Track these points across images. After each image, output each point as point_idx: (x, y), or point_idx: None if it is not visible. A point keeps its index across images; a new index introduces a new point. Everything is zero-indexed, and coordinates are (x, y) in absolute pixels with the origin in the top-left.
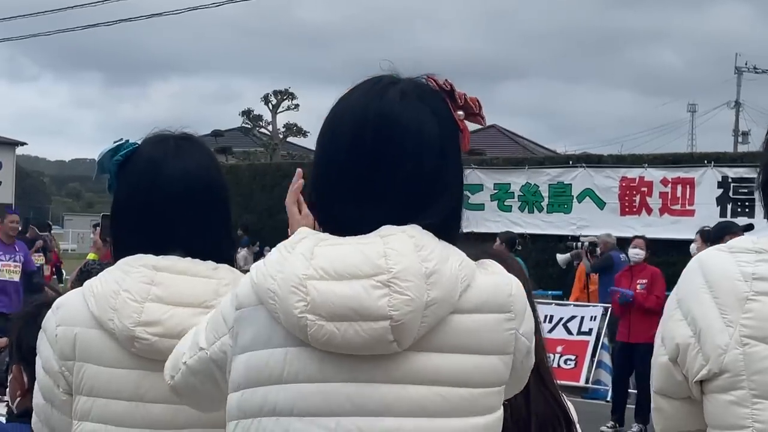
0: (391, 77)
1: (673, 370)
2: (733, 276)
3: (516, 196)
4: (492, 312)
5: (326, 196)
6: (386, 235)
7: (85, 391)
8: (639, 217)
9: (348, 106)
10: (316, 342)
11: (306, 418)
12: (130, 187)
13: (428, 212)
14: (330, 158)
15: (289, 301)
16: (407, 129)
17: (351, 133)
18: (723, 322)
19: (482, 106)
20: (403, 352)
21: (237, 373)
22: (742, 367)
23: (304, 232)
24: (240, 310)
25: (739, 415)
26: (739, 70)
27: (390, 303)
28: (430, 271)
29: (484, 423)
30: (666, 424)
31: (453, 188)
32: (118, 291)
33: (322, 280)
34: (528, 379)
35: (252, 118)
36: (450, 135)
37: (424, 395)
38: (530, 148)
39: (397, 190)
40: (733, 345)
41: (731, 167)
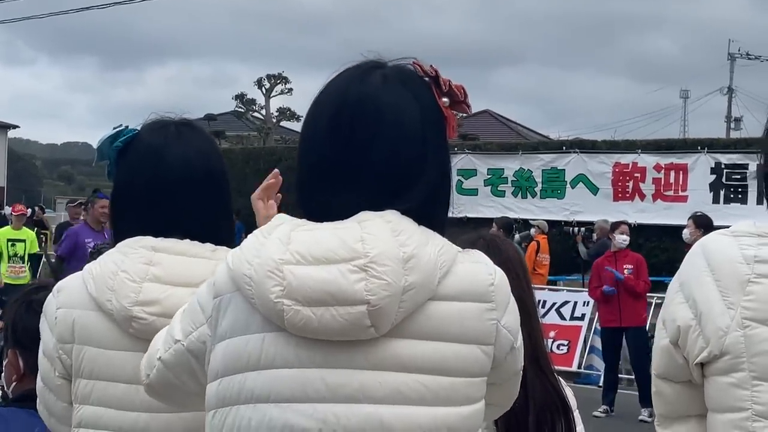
0: (375, 62)
1: (674, 353)
2: (735, 259)
3: (509, 181)
4: (472, 300)
5: (306, 183)
6: (363, 220)
7: (85, 374)
8: (632, 202)
9: (330, 91)
10: (292, 327)
11: (283, 404)
12: (131, 174)
13: (404, 198)
14: (310, 144)
15: (266, 286)
16: (385, 113)
17: (330, 117)
18: (724, 305)
19: (468, 93)
20: (381, 338)
21: (215, 362)
22: (743, 350)
23: (282, 218)
24: (218, 298)
25: (738, 397)
26: (732, 57)
27: (367, 287)
28: (408, 256)
29: (465, 413)
30: (667, 408)
31: (432, 174)
32: (116, 272)
33: (299, 265)
34: (521, 376)
35: (245, 102)
36: (432, 121)
37: (402, 382)
38: (523, 133)
39: (372, 174)
40: (734, 327)
41: (724, 153)
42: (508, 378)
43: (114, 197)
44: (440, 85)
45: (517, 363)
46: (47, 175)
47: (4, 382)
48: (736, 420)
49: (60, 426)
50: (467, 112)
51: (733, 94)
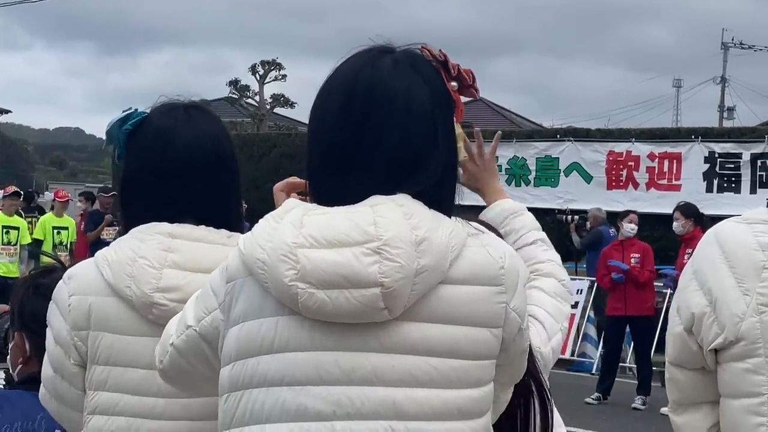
0: (384, 46)
1: (688, 340)
2: (750, 246)
3: (503, 169)
4: (482, 284)
5: (318, 168)
6: (375, 204)
7: (101, 361)
8: (626, 191)
9: (339, 76)
10: (307, 311)
11: (296, 387)
12: (140, 157)
13: (415, 181)
14: (320, 128)
15: (279, 270)
16: (395, 97)
17: (340, 101)
18: (740, 291)
19: (476, 78)
20: (394, 321)
21: (229, 347)
22: (759, 335)
23: (292, 203)
24: (231, 283)
25: (755, 382)
26: (726, 46)
27: (380, 270)
28: (420, 239)
29: (476, 395)
30: (680, 394)
31: (443, 158)
32: (135, 258)
33: (312, 248)
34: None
35: (239, 88)
36: (442, 105)
37: (415, 365)
38: (517, 122)
39: (383, 159)
40: (750, 313)
41: (718, 142)
42: (516, 358)
43: (123, 181)
44: (449, 70)
45: (524, 343)
46: (39, 160)
47: (9, 365)
48: (752, 405)
49: (72, 412)
50: (476, 96)
51: (727, 83)
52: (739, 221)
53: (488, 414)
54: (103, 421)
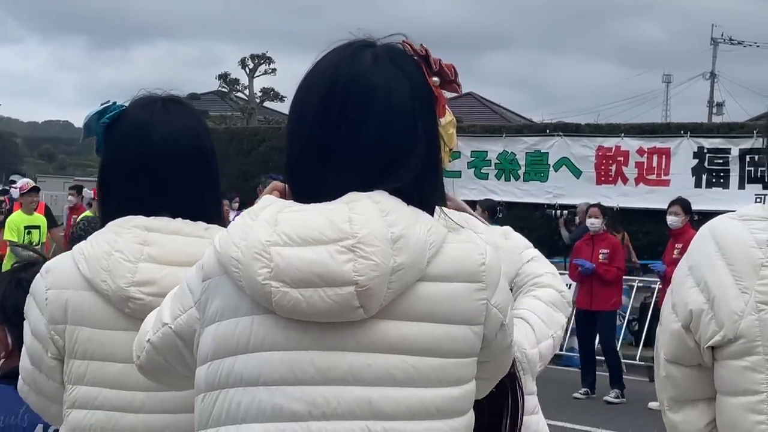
0: (365, 41)
1: (686, 337)
2: (747, 243)
3: (493, 164)
4: (462, 281)
5: (296, 164)
6: (351, 201)
7: (79, 355)
8: (615, 186)
9: (319, 70)
10: (281, 309)
11: (272, 387)
12: (118, 150)
13: (393, 177)
14: (299, 124)
15: (253, 268)
16: (375, 91)
17: (319, 96)
18: (738, 289)
19: (458, 73)
20: (371, 319)
21: (205, 345)
22: (758, 333)
23: (269, 200)
24: (207, 281)
25: (754, 380)
26: (715, 41)
27: (355, 268)
28: (396, 236)
29: (456, 394)
30: (677, 391)
31: (422, 154)
32: (111, 252)
33: (286, 246)
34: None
35: (229, 81)
36: (422, 100)
37: (392, 364)
38: (507, 116)
39: (362, 154)
40: (748, 311)
41: (707, 138)
42: (499, 354)
43: (101, 174)
44: (430, 65)
45: (506, 339)
46: (28, 153)
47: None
48: (750, 403)
49: (51, 405)
50: (458, 92)
51: (716, 79)
52: (734, 218)
53: (470, 412)
54: (82, 415)
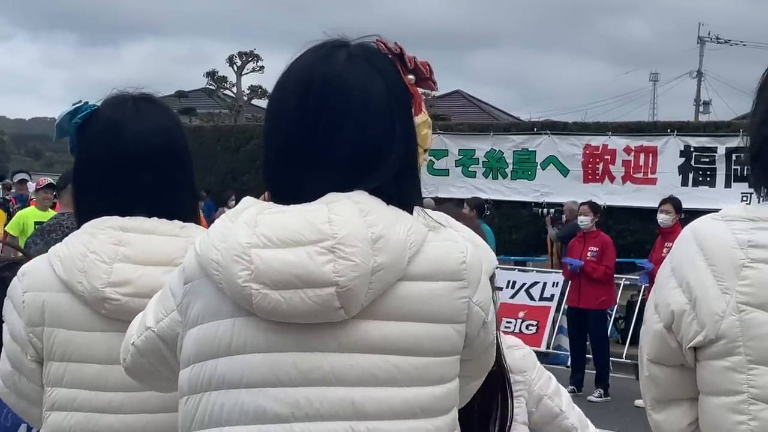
0: (339, 41)
1: (668, 338)
2: (729, 243)
3: (480, 162)
4: (443, 280)
5: (274, 165)
6: (331, 202)
7: (57, 357)
8: (602, 184)
9: (294, 71)
10: (261, 311)
11: (254, 389)
12: (91, 150)
13: (372, 177)
14: (275, 124)
15: (233, 271)
16: (351, 91)
17: (295, 97)
18: (719, 289)
19: (433, 70)
20: (352, 320)
21: (187, 348)
22: (739, 334)
23: (249, 202)
24: (188, 284)
25: (735, 380)
26: (702, 40)
27: (335, 269)
28: (377, 236)
29: (439, 392)
30: (659, 391)
31: (400, 153)
32: (86, 253)
33: (266, 248)
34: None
35: (216, 79)
36: (399, 99)
37: (374, 364)
38: (495, 114)
39: (340, 155)
40: (729, 312)
41: (693, 136)
42: (482, 352)
43: (75, 174)
44: (405, 63)
45: (489, 336)
46: (15, 150)
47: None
48: (732, 403)
49: (32, 407)
50: (433, 89)
51: (703, 77)
52: (716, 218)
53: (454, 410)
54: (61, 417)
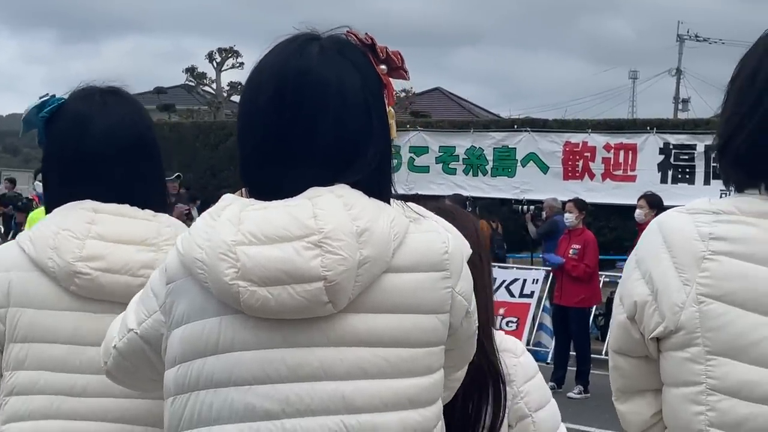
0: (310, 34)
1: (631, 329)
2: (691, 236)
3: (461, 159)
4: (427, 271)
5: (252, 162)
6: (314, 196)
7: (20, 338)
8: (582, 181)
9: (266, 66)
10: (249, 309)
11: (243, 387)
12: (58, 144)
13: (351, 170)
14: (251, 121)
15: (219, 269)
16: (327, 85)
17: (271, 93)
18: (680, 281)
19: (404, 59)
20: (339, 314)
21: (172, 349)
22: (698, 325)
23: (229, 199)
24: (171, 284)
25: (693, 371)
26: (681, 38)
27: (323, 263)
28: (362, 229)
29: (426, 383)
30: (623, 382)
31: (380, 145)
32: (58, 231)
33: (252, 245)
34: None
35: (196, 75)
36: (374, 89)
37: (363, 357)
38: (475, 111)
39: (320, 149)
40: (689, 303)
41: (673, 134)
42: (464, 341)
43: (43, 167)
44: (377, 53)
45: (471, 326)
46: None
47: None
48: (690, 394)
49: None
50: (406, 78)
51: (682, 75)
52: (681, 211)
53: (439, 401)
54: (20, 402)
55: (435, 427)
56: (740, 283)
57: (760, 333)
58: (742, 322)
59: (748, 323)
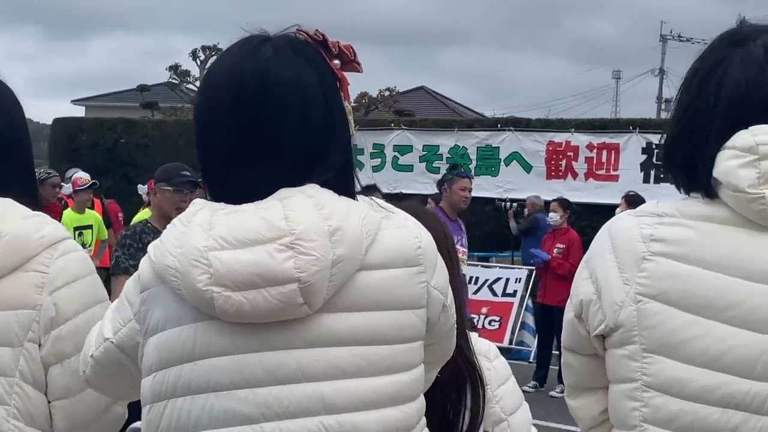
0: (262, 36)
1: (578, 326)
2: (633, 237)
3: (444, 158)
4: (401, 266)
5: (216, 167)
6: (284, 198)
7: None
8: (564, 181)
9: (222, 71)
10: (224, 314)
11: (222, 392)
12: None
13: (321, 168)
14: (212, 126)
15: (192, 276)
16: (286, 85)
17: (230, 97)
18: (621, 280)
19: (356, 52)
20: (315, 314)
21: (148, 357)
22: (635, 323)
23: (200, 204)
24: (145, 292)
25: (630, 368)
26: (664, 38)
27: (296, 264)
28: (334, 229)
29: (406, 379)
30: (574, 379)
31: (343, 141)
32: None
33: (224, 250)
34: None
35: (179, 73)
36: (331, 86)
37: (340, 356)
38: (459, 111)
39: (285, 150)
40: (628, 302)
41: (655, 134)
42: (443, 336)
43: None
44: (329, 48)
45: (449, 320)
46: None
47: None
48: (627, 390)
49: None
50: (359, 71)
51: (665, 75)
52: (630, 214)
53: (421, 397)
54: None
55: (417, 424)
56: (674, 283)
57: (691, 332)
58: (674, 321)
59: (680, 322)
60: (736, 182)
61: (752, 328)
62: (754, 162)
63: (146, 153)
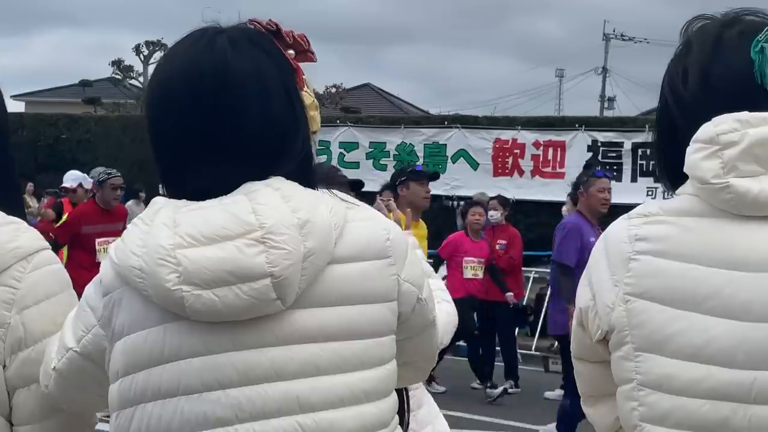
0: (215, 27)
1: (582, 335)
2: (621, 239)
3: (391, 155)
4: (370, 259)
5: (174, 163)
6: (250, 191)
7: None
8: (511, 178)
9: (177, 64)
10: (196, 314)
11: (193, 395)
12: None
13: (284, 159)
14: (169, 122)
15: (159, 275)
16: (245, 76)
17: (186, 91)
18: (611, 282)
19: (310, 41)
20: (287, 311)
21: (115, 362)
22: (626, 323)
23: (161, 202)
24: (108, 296)
25: (626, 369)
26: (607, 37)
27: (268, 259)
28: (303, 221)
29: (380, 374)
30: (587, 387)
31: (304, 132)
32: None
33: (192, 247)
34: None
35: (122, 68)
36: (289, 75)
37: (314, 353)
38: (404, 108)
39: (246, 143)
40: (618, 303)
41: (600, 131)
42: (420, 331)
43: None
44: (283, 38)
45: (426, 315)
46: None
47: None
48: (626, 391)
49: None
50: (313, 60)
51: (607, 74)
52: (624, 216)
53: (394, 393)
54: None
55: (392, 420)
56: (656, 279)
57: (675, 326)
58: (659, 317)
59: (664, 318)
60: (701, 174)
61: (731, 316)
62: (717, 152)
63: (88, 149)
